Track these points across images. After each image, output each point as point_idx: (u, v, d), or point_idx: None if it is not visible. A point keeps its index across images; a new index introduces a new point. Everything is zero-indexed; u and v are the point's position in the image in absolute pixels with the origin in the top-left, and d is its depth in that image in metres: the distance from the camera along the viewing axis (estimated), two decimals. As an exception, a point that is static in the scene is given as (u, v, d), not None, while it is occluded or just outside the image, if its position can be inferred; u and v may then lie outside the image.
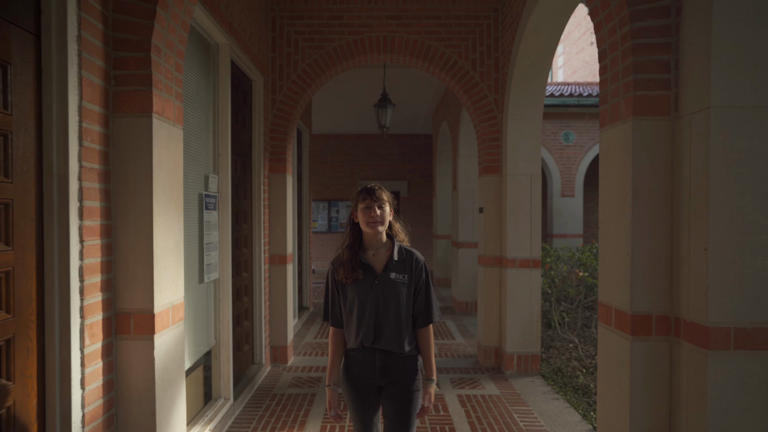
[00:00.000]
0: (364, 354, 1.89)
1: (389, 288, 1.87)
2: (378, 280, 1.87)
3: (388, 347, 1.87)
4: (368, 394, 1.92)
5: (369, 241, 1.92)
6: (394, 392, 1.89)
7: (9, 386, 1.53)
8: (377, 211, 1.86)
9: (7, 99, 1.52)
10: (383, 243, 1.94)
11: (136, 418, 1.96)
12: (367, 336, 1.86)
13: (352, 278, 1.87)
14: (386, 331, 1.86)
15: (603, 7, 2.13)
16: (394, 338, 1.87)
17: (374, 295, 1.86)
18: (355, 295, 1.88)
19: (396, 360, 1.88)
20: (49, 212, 1.67)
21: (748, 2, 1.71)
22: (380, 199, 1.87)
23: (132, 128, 1.94)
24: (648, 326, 1.95)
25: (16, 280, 1.56)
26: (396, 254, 1.91)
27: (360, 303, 1.87)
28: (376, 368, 1.89)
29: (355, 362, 1.93)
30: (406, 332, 1.89)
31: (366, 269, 1.88)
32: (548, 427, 3.37)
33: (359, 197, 1.90)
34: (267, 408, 3.72)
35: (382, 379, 1.90)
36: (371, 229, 1.86)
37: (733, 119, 1.73)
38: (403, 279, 1.89)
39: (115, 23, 1.93)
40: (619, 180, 2.06)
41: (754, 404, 1.73)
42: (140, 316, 1.96)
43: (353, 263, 1.88)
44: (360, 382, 1.92)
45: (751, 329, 1.73)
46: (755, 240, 1.73)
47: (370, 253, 1.93)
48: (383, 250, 1.93)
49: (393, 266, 1.89)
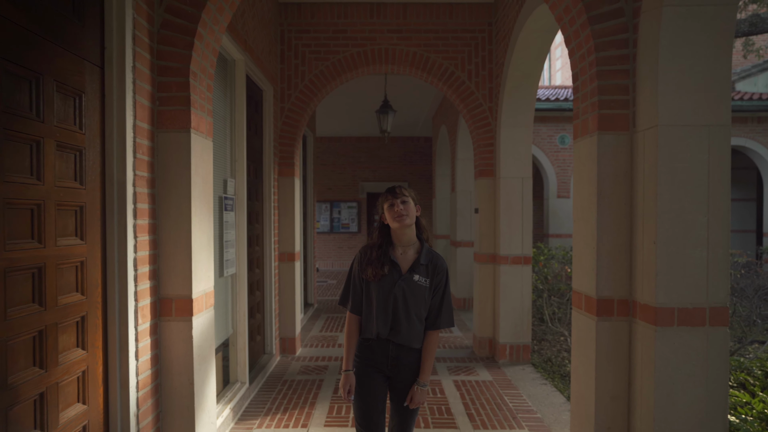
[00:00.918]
0: (379, 344, 1.97)
1: (410, 289, 1.93)
2: (402, 279, 1.94)
3: (402, 341, 1.95)
4: (376, 383, 1.99)
5: (398, 238, 1.98)
6: (402, 382, 1.98)
7: (84, 355, 1.89)
8: (400, 205, 1.93)
9: (81, 121, 1.88)
10: (412, 242, 2.00)
11: (177, 387, 2.32)
12: (384, 329, 1.94)
13: (378, 277, 1.93)
14: (403, 326, 1.94)
15: (574, 37, 2.48)
16: (409, 335, 1.95)
17: (396, 293, 1.92)
18: (378, 289, 1.94)
19: (408, 352, 1.97)
20: (111, 213, 2.03)
21: (685, 41, 2.06)
22: (402, 195, 1.96)
23: (174, 142, 2.30)
24: (610, 308, 2.31)
25: (87, 269, 1.91)
26: (423, 257, 1.97)
27: (382, 297, 1.93)
28: (389, 357, 1.97)
29: (369, 350, 2.00)
30: (420, 331, 1.98)
31: (392, 266, 1.95)
32: (535, 408, 3.72)
33: (384, 198, 1.99)
34: (279, 392, 4.07)
35: (393, 369, 1.98)
36: (398, 223, 1.92)
37: (676, 135, 2.08)
38: (425, 283, 1.95)
39: (159, 53, 2.29)
40: (588, 185, 2.41)
41: (693, 371, 2.08)
42: (180, 300, 2.31)
43: (381, 262, 1.94)
44: (370, 370, 1.99)
45: (691, 309, 2.08)
46: (694, 235, 2.08)
47: (398, 251, 1.99)
48: (411, 251, 2.00)
49: (418, 269, 1.95)
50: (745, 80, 12.61)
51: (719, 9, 2.04)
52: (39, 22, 1.66)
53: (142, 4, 2.16)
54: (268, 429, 3.35)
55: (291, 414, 3.60)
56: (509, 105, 4.73)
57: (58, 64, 1.75)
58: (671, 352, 2.08)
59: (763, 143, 10.24)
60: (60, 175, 1.76)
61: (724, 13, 2.04)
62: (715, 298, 2.10)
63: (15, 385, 1.54)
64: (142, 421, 2.15)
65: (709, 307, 2.09)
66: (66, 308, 1.79)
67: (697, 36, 2.06)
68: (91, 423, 1.92)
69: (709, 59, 2.07)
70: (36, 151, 1.64)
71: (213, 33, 2.48)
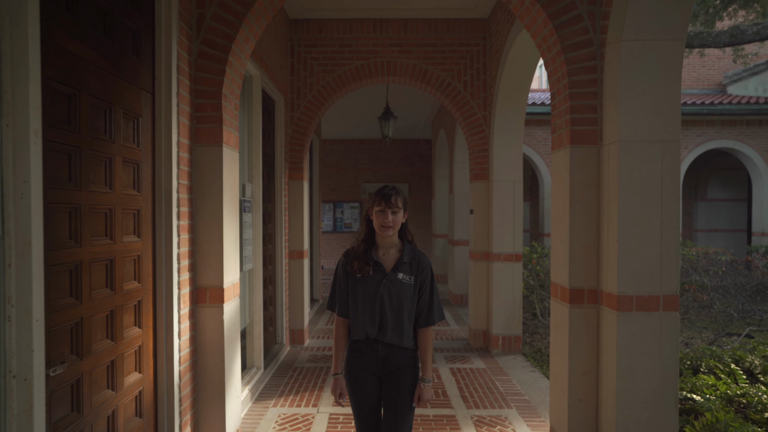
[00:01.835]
0: (368, 345, 1.99)
1: (396, 287, 1.97)
2: (386, 278, 1.97)
3: (390, 341, 1.97)
4: (368, 384, 2.01)
5: (381, 240, 2.03)
6: (393, 382, 2.00)
7: (140, 332, 2.28)
8: (390, 216, 1.96)
9: (138, 140, 2.27)
10: (394, 243, 2.04)
11: (210, 363, 2.71)
12: (372, 329, 1.96)
13: (364, 272, 1.97)
14: (390, 326, 1.96)
15: (551, 62, 2.87)
16: (397, 333, 1.97)
17: (381, 292, 1.96)
18: (364, 289, 1.97)
19: (397, 351, 1.99)
20: (159, 215, 2.42)
21: (641, 70, 2.45)
22: (394, 206, 1.96)
23: (208, 154, 2.69)
24: (581, 297, 2.70)
25: (142, 262, 2.31)
26: (405, 256, 2.01)
27: (368, 298, 1.96)
28: (378, 358, 1.98)
29: (358, 352, 2.02)
30: (409, 329, 2.00)
31: (376, 267, 1.99)
32: (523, 391, 4.11)
33: (376, 199, 2.00)
34: (290, 377, 4.47)
35: (384, 369, 2.00)
36: (383, 232, 1.98)
37: (634, 149, 2.47)
38: (410, 280, 1.98)
39: (196, 79, 2.68)
40: (562, 191, 2.80)
41: (649, 349, 2.47)
42: (213, 289, 2.71)
43: (367, 257, 1.99)
44: (361, 372, 2.01)
45: (647, 296, 2.47)
46: (649, 234, 2.47)
47: (381, 252, 2.03)
48: (394, 250, 2.03)
49: (401, 267, 1.99)
50: (737, 84, 12.99)
51: (669, 44, 2.43)
52: (112, 62, 2.05)
53: (183, 39, 2.55)
54: (283, 408, 3.74)
55: (302, 396, 4.00)
56: (501, 114, 5.11)
57: (124, 94, 2.14)
58: (630, 333, 2.47)
59: (752, 145, 10.61)
60: (124, 185, 2.15)
61: (673, 47, 2.42)
62: (668, 287, 2.49)
63: (96, 352, 1.93)
64: (183, 391, 2.54)
65: (662, 295, 2.48)
66: (128, 293, 2.18)
67: (650, 66, 2.44)
68: (144, 390, 2.31)
69: (661, 85, 2.46)
70: (109, 166, 2.03)
71: (240, 60, 2.87)
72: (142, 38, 2.31)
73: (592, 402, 2.69)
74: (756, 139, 10.58)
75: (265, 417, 3.56)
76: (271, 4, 2.86)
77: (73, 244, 1.80)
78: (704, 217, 13.14)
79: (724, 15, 9.21)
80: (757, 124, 10.55)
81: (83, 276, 1.86)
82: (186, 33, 2.60)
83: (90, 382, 1.89)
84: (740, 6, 8.78)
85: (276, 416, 3.57)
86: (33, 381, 1.47)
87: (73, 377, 1.79)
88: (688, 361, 4.38)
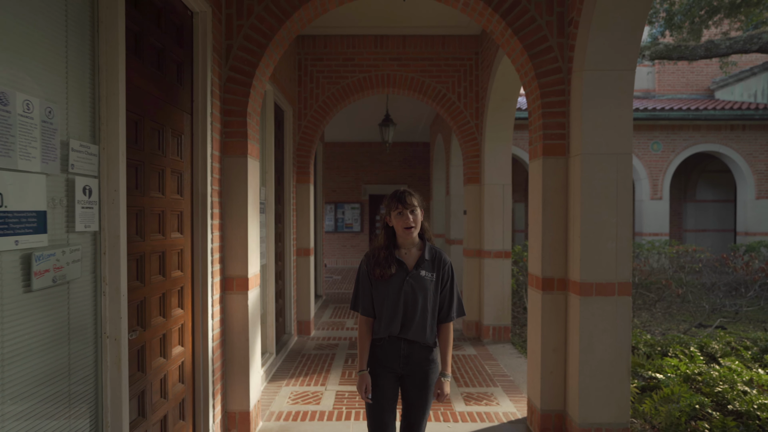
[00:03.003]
0: (391, 343, 2.05)
1: (419, 284, 2.02)
2: (410, 276, 2.03)
3: (413, 337, 2.03)
4: (388, 382, 2.06)
5: (403, 241, 2.08)
6: (414, 380, 2.06)
7: (182, 313, 2.76)
8: (410, 216, 2.02)
9: (181, 153, 2.75)
10: (415, 242, 2.10)
11: (236, 342, 3.19)
12: (395, 326, 2.02)
13: (387, 276, 2.02)
14: (413, 323, 2.02)
15: (527, 86, 3.35)
16: (420, 330, 2.03)
17: (405, 289, 2.01)
18: (388, 288, 2.03)
19: (419, 349, 2.05)
20: (197, 215, 2.90)
21: (599, 94, 2.92)
22: (411, 205, 2.02)
23: (235, 164, 3.17)
24: (552, 285, 3.17)
25: (184, 254, 2.79)
26: (427, 254, 2.07)
27: (391, 296, 2.02)
28: (400, 356, 2.04)
29: (381, 350, 2.07)
30: (431, 325, 2.06)
31: (399, 265, 2.05)
32: (509, 373, 4.59)
33: (392, 204, 2.05)
34: (299, 362, 4.95)
35: (405, 366, 2.06)
36: (406, 234, 2.03)
37: (594, 161, 2.95)
38: (432, 277, 2.04)
39: (224, 100, 3.16)
40: (537, 195, 3.28)
41: (605, 327, 2.95)
42: (240, 279, 3.18)
43: (389, 262, 2.03)
44: (383, 370, 2.06)
45: (605, 283, 2.95)
46: (606, 232, 2.95)
47: (403, 251, 2.09)
48: (415, 249, 2.10)
49: (423, 264, 2.05)
50: (724, 89, 13.49)
51: (621, 73, 2.90)
52: (163, 90, 2.53)
53: (215, 67, 3.03)
54: (294, 386, 4.22)
55: (311, 377, 4.47)
56: (492, 123, 5.59)
57: (171, 116, 2.62)
58: (591, 314, 2.95)
59: (735, 149, 11.09)
60: (171, 191, 2.63)
61: (625, 76, 2.90)
62: (622, 276, 2.96)
63: (154, 326, 2.41)
64: (215, 364, 3.02)
65: (618, 282, 2.96)
66: (174, 280, 2.66)
67: (606, 91, 2.92)
68: (185, 361, 2.79)
69: (615, 107, 2.93)
70: (161, 176, 2.51)
71: (261, 83, 3.35)
72: (183, 68, 2.79)
73: (561, 373, 3.17)
74: (740, 142, 11.07)
75: (279, 393, 4.04)
76: (287, 36, 3.33)
77: (138, 239, 2.28)
78: (693, 217, 13.63)
79: (710, 23, 9.71)
80: (740, 129, 11.04)
81: (146, 264, 2.33)
82: (217, 61, 3.07)
83: (150, 350, 2.37)
84: (726, 15, 9.27)
85: (289, 393, 4.06)
86: (121, 340, 1.94)
87: (139, 344, 2.27)
88: (659, 347, 4.86)
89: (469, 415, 3.60)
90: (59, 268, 1.66)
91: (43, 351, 1.62)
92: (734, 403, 3.36)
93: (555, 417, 3.16)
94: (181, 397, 2.72)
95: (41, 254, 1.57)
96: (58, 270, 1.65)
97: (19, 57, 1.52)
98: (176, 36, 2.71)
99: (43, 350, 1.61)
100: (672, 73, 13.92)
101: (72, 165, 1.74)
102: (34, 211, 1.55)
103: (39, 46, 1.61)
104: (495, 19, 3.26)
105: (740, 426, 3.16)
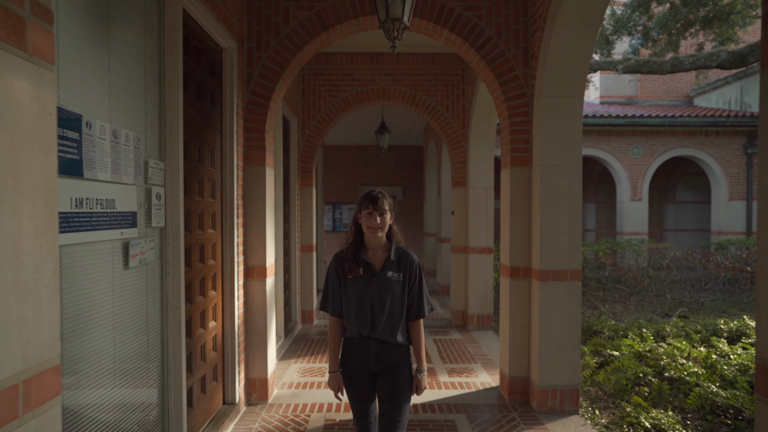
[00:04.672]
0: (361, 342, 2.09)
1: (386, 285, 2.06)
2: (376, 277, 2.07)
3: (382, 337, 2.06)
4: (363, 381, 2.12)
5: (369, 242, 2.12)
6: (387, 377, 2.09)
7: (215, 294, 3.40)
8: (378, 219, 2.05)
9: (214, 164, 3.39)
10: (382, 244, 2.14)
11: (256, 321, 3.83)
12: (364, 326, 2.06)
13: (354, 272, 2.05)
14: (381, 322, 2.05)
15: (499, 107, 4.01)
16: (388, 329, 2.06)
17: (372, 290, 2.06)
18: (355, 289, 2.07)
19: (389, 348, 2.09)
20: (226, 215, 3.53)
21: (554, 116, 3.59)
22: (381, 208, 2.05)
23: (256, 173, 3.81)
24: (518, 272, 3.83)
25: (216, 247, 3.43)
26: (393, 254, 2.10)
27: (359, 297, 2.06)
28: (371, 355, 2.08)
29: (352, 349, 2.12)
30: (399, 324, 2.09)
31: (366, 267, 2.08)
32: (488, 353, 5.25)
33: (363, 203, 2.08)
34: (305, 345, 5.59)
35: (377, 365, 2.10)
36: (372, 234, 2.07)
37: (550, 170, 3.61)
38: (399, 277, 2.08)
39: (246, 119, 3.80)
40: (506, 198, 3.94)
41: (560, 307, 3.61)
42: (259, 268, 3.82)
43: (357, 259, 2.08)
44: (356, 369, 2.11)
45: (560, 270, 3.61)
46: (560, 228, 3.61)
47: (370, 253, 2.12)
48: (381, 251, 2.13)
49: (390, 265, 2.09)
50: (701, 96, 14.23)
51: (572, 99, 3.57)
52: (202, 115, 3.17)
53: (239, 91, 3.68)
54: (302, 363, 4.87)
55: (316, 356, 5.12)
56: (476, 132, 6.25)
57: (207, 135, 3.26)
58: (548, 296, 3.61)
59: (710, 153, 11.82)
60: (208, 195, 3.27)
61: (574, 101, 3.57)
62: (573, 264, 3.63)
63: (196, 302, 3.05)
64: (240, 337, 3.66)
65: (570, 270, 3.62)
66: (210, 267, 3.30)
67: (560, 113, 3.59)
68: (217, 334, 3.43)
69: (567, 127, 3.60)
70: (201, 183, 3.15)
71: (277, 104, 3.99)
72: (215, 95, 3.43)
73: (525, 346, 3.83)
74: (713, 147, 11.80)
75: (289, 368, 4.69)
76: (298, 64, 3.98)
77: (186, 233, 2.92)
78: (673, 218, 14.37)
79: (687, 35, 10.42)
80: (714, 135, 11.77)
81: (191, 254, 2.97)
82: (241, 87, 3.72)
83: (195, 321, 3.01)
84: (701, 27, 9.99)
85: (298, 368, 4.70)
86: (180, 309, 2.58)
87: (188, 315, 2.91)
88: (621, 331, 5.54)
89: (451, 384, 4.25)
90: (143, 253, 2.30)
91: (135, 312, 2.25)
92: (670, 371, 4.03)
93: (520, 381, 3.83)
94: (215, 362, 3.36)
95: (134, 242, 2.22)
96: (143, 254, 2.29)
97: (120, 104, 2.16)
98: (210, 69, 3.35)
99: (135, 312, 2.25)
100: (653, 81, 14.66)
101: (150, 178, 2.38)
102: (130, 212, 2.19)
103: (130, 94, 2.25)
104: (471, 52, 3.92)
105: (672, 389, 3.83)
